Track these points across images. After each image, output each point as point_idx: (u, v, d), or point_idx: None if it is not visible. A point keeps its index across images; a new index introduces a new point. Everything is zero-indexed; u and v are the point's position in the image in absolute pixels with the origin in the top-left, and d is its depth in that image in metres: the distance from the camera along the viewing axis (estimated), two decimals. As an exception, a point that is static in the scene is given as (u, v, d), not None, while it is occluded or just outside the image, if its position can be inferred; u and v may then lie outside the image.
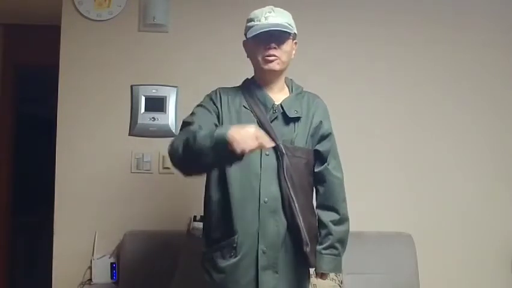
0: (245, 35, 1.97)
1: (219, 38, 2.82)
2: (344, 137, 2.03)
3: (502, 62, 3.00)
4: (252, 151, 1.62)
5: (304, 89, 2.06)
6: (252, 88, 1.98)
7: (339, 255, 1.98)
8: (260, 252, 1.84)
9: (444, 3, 2.98)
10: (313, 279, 2.03)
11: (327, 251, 1.94)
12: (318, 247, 1.94)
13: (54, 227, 2.72)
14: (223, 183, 1.88)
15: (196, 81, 2.76)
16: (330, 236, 1.95)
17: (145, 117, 2.79)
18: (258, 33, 1.87)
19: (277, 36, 1.89)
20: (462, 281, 2.85)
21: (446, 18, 2.97)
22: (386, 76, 2.93)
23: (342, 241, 1.99)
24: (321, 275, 1.98)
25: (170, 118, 2.80)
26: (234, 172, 1.87)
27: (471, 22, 2.99)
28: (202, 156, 1.67)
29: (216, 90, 2.01)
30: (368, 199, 2.85)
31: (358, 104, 2.90)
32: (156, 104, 2.79)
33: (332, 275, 2.50)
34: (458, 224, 2.90)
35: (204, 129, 1.76)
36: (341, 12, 2.94)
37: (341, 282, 2.53)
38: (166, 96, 2.80)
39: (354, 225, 2.75)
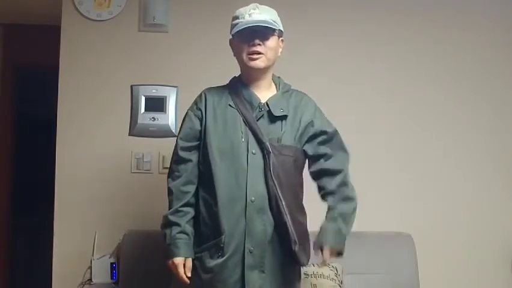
0: (231, 33, 1.97)
1: (219, 38, 2.79)
2: (344, 136, 2.03)
3: (502, 62, 3.00)
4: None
5: (292, 87, 2.04)
6: (239, 86, 1.99)
7: (341, 230, 1.88)
8: (247, 251, 1.84)
9: (444, 3, 2.98)
10: (313, 279, 2.03)
11: (330, 224, 1.87)
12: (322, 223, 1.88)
13: (54, 227, 2.72)
14: (210, 182, 1.89)
15: (196, 81, 2.74)
16: (332, 211, 1.89)
17: (145, 117, 2.79)
18: (242, 30, 1.88)
19: (262, 33, 1.89)
20: (462, 281, 2.85)
21: (446, 18, 2.97)
22: (386, 76, 2.93)
23: (345, 217, 1.90)
24: (322, 252, 1.83)
25: (170, 118, 2.80)
26: (220, 171, 1.88)
27: (471, 22, 2.99)
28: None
29: (201, 93, 2.04)
30: (368, 199, 2.84)
31: (358, 104, 2.89)
32: (156, 104, 2.79)
33: (332, 275, 2.50)
34: (458, 224, 2.90)
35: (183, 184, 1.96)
36: (341, 12, 2.93)
37: (341, 282, 2.53)
38: (166, 96, 2.80)
39: (354, 225, 2.77)
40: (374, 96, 2.92)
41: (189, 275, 1.89)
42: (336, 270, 2.54)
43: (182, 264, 1.89)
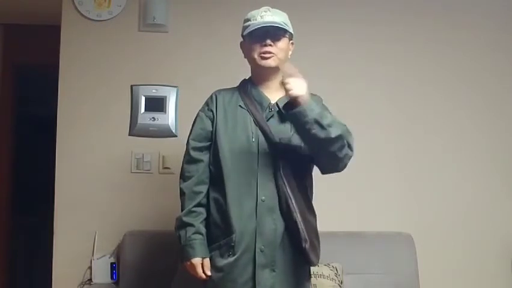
0: (242, 35, 1.99)
1: (219, 38, 2.82)
2: (344, 137, 2.03)
3: (502, 62, 3.00)
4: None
5: None
6: (248, 88, 2.00)
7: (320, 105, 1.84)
8: (258, 250, 1.85)
9: (444, 3, 2.98)
10: (313, 279, 2.03)
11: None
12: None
13: (54, 227, 2.72)
14: (221, 182, 1.90)
15: (196, 81, 2.76)
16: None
17: (145, 117, 2.79)
18: (254, 31, 1.90)
19: (273, 34, 1.91)
20: (462, 281, 2.85)
21: (446, 18, 2.97)
22: (387, 76, 2.94)
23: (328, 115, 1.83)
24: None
25: (170, 118, 2.80)
26: (231, 171, 1.89)
27: (471, 22, 2.99)
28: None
29: (212, 95, 2.04)
30: (368, 199, 2.86)
31: (358, 104, 2.89)
32: (156, 104, 2.79)
33: (332, 275, 2.50)
34: (458, 224, 2.90)
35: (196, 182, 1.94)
36: (341, 12, 2.94)
37: (341, 282, 2.53)
38: (166, 96, 2.80)
39: (354, 225, 2.78)
40: (374, 96, 2.92)
41: (209, 273, 1.89)
42: (336, 270, 2.54)
43: (200, 264, 1.89)
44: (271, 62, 1.92)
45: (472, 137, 2.96)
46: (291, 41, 1.99)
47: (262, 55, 1.91)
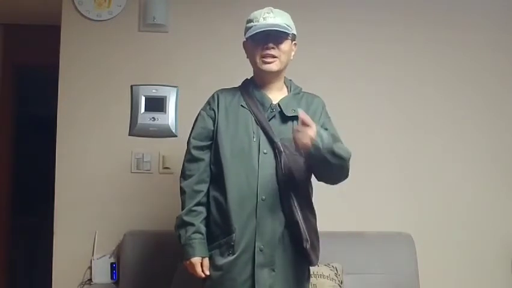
0: (245, 36, 1.98)
1: (219, 38, 2.82)
2: (344, 136, 2.03)
3: (502, 62, 3.00)
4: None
5: (303, 90, 2.07)
6: (251, 88, 2.01)
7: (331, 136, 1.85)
8: (257, 249, 1.85)
9: (444, 3, 2.98)
10: (313, 279, 2.03)
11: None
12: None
13: (54, 227, 2.72)
14: (221, 181, 1.91)
15: (196, 81, 2.76)
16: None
17: (145, 117, 2.79)
18: (256, 34, 1.90)
19: (275, 36, 1.91)
20: (462, 281, 2.85)
21: (446, 18, 2.97)
22: (387, 76, 2.93)
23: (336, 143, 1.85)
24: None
25: (170, 118, 2.80)
26: (231, 171, 1.90)
27: (471, 22, 2.99)
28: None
29: (214, 94, 2.05)
30: (368, 199, 2.86)
31: (358, 104, 2.90)
32: (156, 104, 2.79)
33: (332, 275, 2.50)
34: (458, 224, 2.90)
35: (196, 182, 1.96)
36: (342, 12, 2.94)
37: (341, 282, 2.53)
38: (166, 96, 2.80)
39: (354, 225, 2.78)
40: (374, 96, 2.92)
41: (207, 273, 1.91)
42: (336, 270, 2.54)
43: (200, 264, 1.90)
44: (273, 67, 1.93)
45: (472, 137, 2.96)
46: (293, 42, 1.99)
47: (264, 59, 1.92)
